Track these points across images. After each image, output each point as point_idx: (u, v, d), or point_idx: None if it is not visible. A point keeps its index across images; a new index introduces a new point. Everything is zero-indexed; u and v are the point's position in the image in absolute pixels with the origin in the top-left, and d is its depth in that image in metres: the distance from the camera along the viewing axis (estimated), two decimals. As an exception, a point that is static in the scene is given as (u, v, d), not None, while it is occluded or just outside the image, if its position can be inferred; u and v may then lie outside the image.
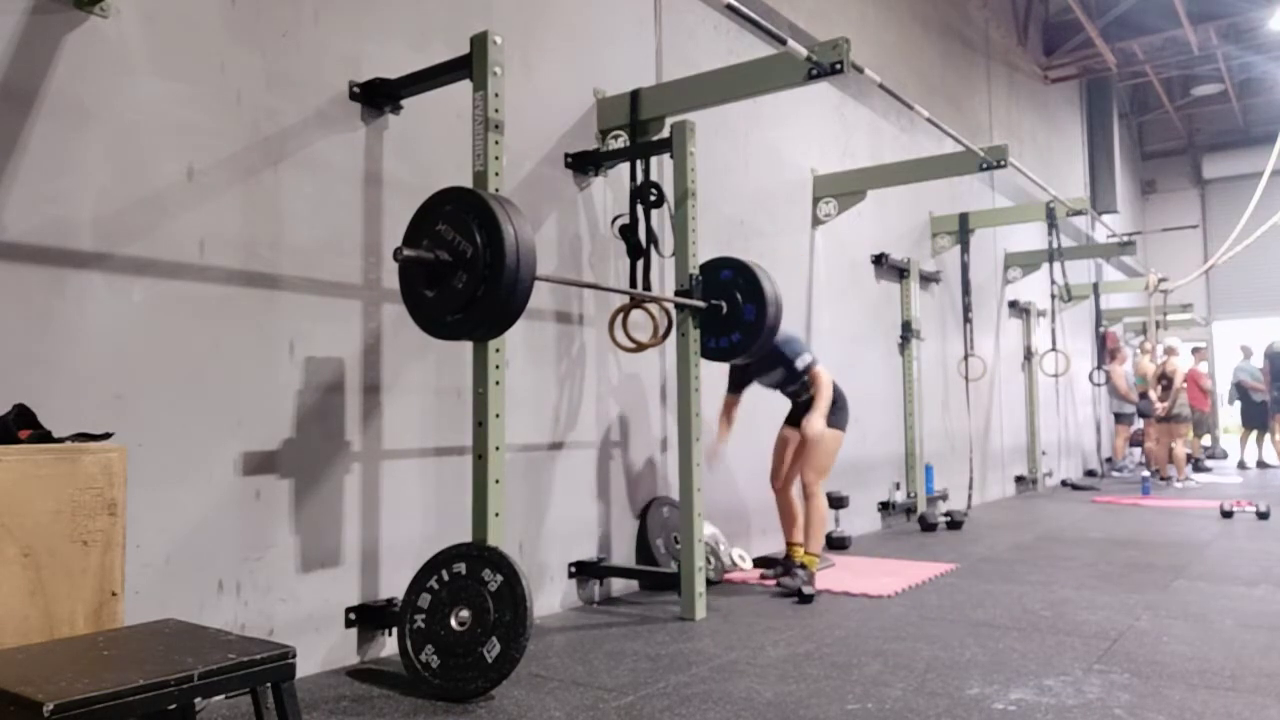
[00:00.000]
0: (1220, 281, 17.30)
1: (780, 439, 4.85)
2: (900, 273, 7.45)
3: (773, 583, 4.58)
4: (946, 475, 8.00)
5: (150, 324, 2.78)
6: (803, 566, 4.56)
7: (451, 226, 2.91)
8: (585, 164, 4.37)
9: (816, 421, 4.45)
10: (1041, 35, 12.48)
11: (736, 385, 4.73)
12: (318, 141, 3.27)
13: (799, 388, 4.68)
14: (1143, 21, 12.34)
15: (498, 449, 3.12)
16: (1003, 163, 5.83)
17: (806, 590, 4.30)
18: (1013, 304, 10.03)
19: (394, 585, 3.38)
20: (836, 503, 5.67)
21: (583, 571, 4.27)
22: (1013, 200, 10.03)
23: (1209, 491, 9.67)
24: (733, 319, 4.22)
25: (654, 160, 4.28)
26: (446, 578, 2.96)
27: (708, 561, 4.43)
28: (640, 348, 4.23)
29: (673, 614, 4.00)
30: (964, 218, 8.18)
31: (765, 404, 4.99)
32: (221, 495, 2.93)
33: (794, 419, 4.77)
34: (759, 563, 5.21)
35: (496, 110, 3.15)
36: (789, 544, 4.81)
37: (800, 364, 4.58)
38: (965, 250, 8.15)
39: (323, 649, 3.19)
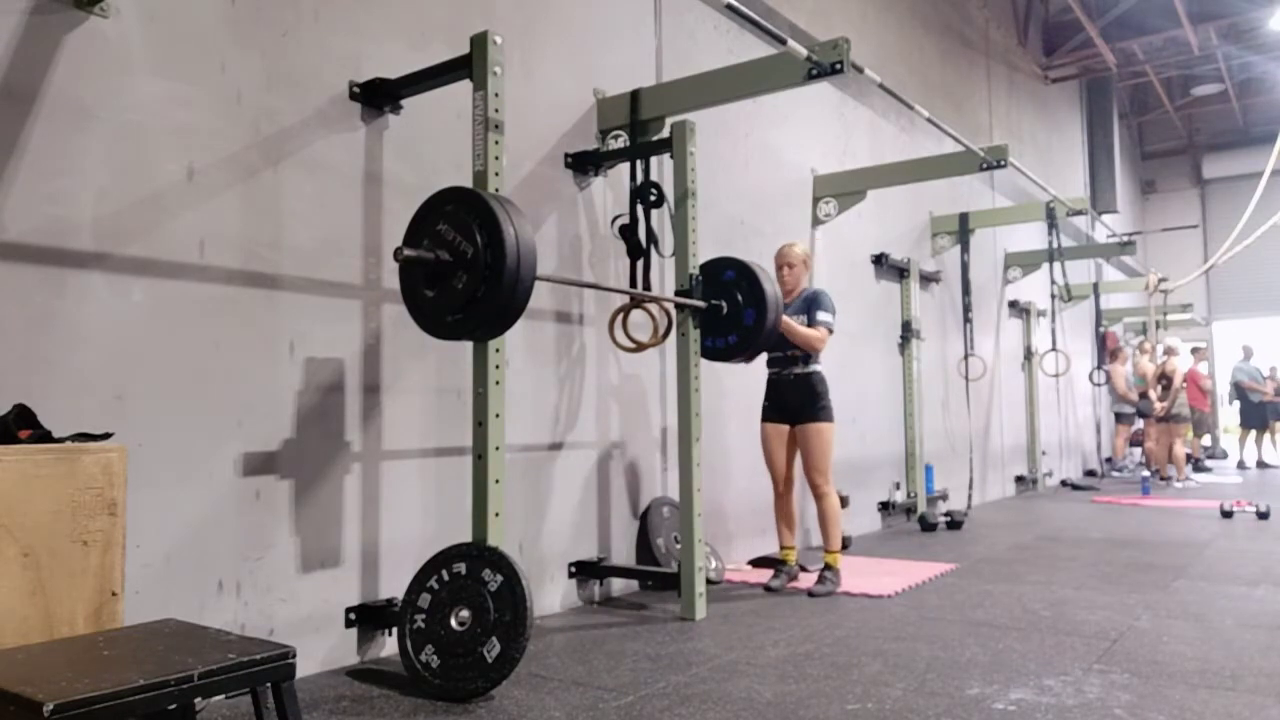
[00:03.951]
0: (1220, 281, 17.31)
1: (767, 437, 4.68)
2: (900, 273, 7.45)
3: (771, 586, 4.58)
4: (946, 475, 8.00)
5: (150, 324, 2.78)
6: (829, 567, 4.55)
7: (452, 226, 2.91)
8: (585, 164, 4.37)
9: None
10: (1041, 35, 12.48)
11: None
12: (318, 141, 3.27)
13: (800, 358, 4.58)
14: (1143, 21, 12.35)
15: (498, 449, 3.12)
16: (1003, 163, 5.83)
17: (819, 590, 4.36)
18: (1013, 304, 10.03)
19: (394, 585, 3.38)
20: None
21: (583, 571, 4.27)
22: (1013, 200, 10.03)
23: (1209, 491, 9.67)
24: (732, 320, 4.21)
25: (654, 160, 4.28)
26: (446, 578, 2.96)
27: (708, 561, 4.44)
28: (640, 348, 4.22)
29: (673, 614, 4.00)
30: (964, 218, 8.18)
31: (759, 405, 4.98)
32: (221, 495, 2.93)
33: (778, 411, 4.65)
34: (756, 563, 5.21)
35: (496, 110, 3.15)
36: (783, 547, 4.73)
37: (823, 316, 4.55)
38: (965, 250, 8.16)
39: (323, 649, 3.19)
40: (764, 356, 4.60)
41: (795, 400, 4.60)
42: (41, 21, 2.58)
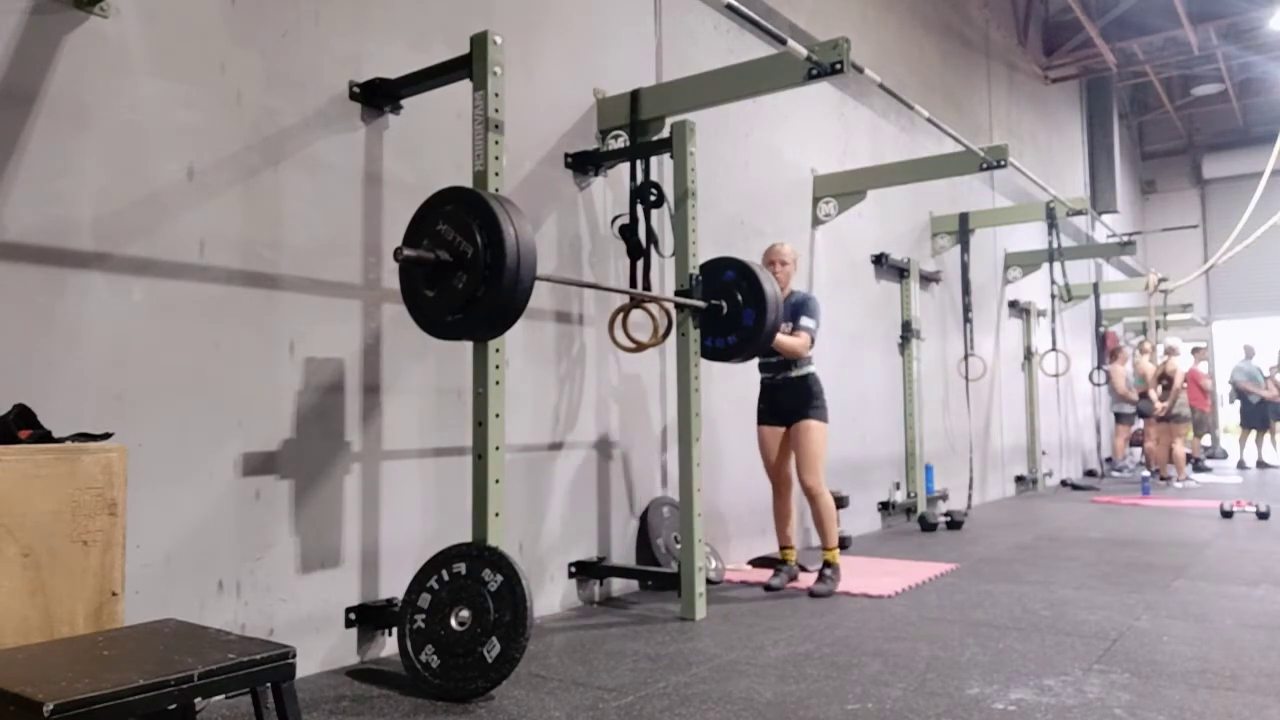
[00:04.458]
0: (1220, 281, 17.30)
1: (763, 440, 4.70)
2: (900, 273, 7.45)
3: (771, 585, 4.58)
4: (946, 475, 8.00)
5: (150, 324, 2.78)
6: (828, 565, 4.54)
7: (452, 226, 2.91)
8: (585, 164, 4.37)
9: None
10: (1041, 35, 12.48)
11: None
12: (318, 141, 3.27)
13: (791, 362, 4.57)
14: (1143, 21, 12.35)
15: (498, 449, 3.12)
16: (1003, 163, 5.83)
17: (820, 588, 4.37)
18: (1013, 304, 10.03)
19: (394, 585, 3.38)
20: (836, 503, 5.65)
21: (583, 571, 4.27)
22: (1013, 200, 10.03)
23: (1209, 491, 9.67)
24: (732, 321, 4.20)
25: (654, 160, 4.28)
26: (446, 578, 2.96)
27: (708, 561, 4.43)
28: (640, 348, 4.22)
29: (673, 614, 4.00)
30: (964, 218, 8.18)
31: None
32: (221, 495, 2.93)
33: (773, 414, 4.65)
34: (756, 563, 5.21)
35: (496, 110, 3.15)
36: (782, 547, 4.74)
37: (808, 323, 4.53)
38: (965, 250, 8.16)
39: (323, 649, 3.19)
40: (756, 360, 4.60)
41: (789, 402, 4.59)
42: (41, 21, 2.58)
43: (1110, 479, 11.86)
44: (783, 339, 4.48)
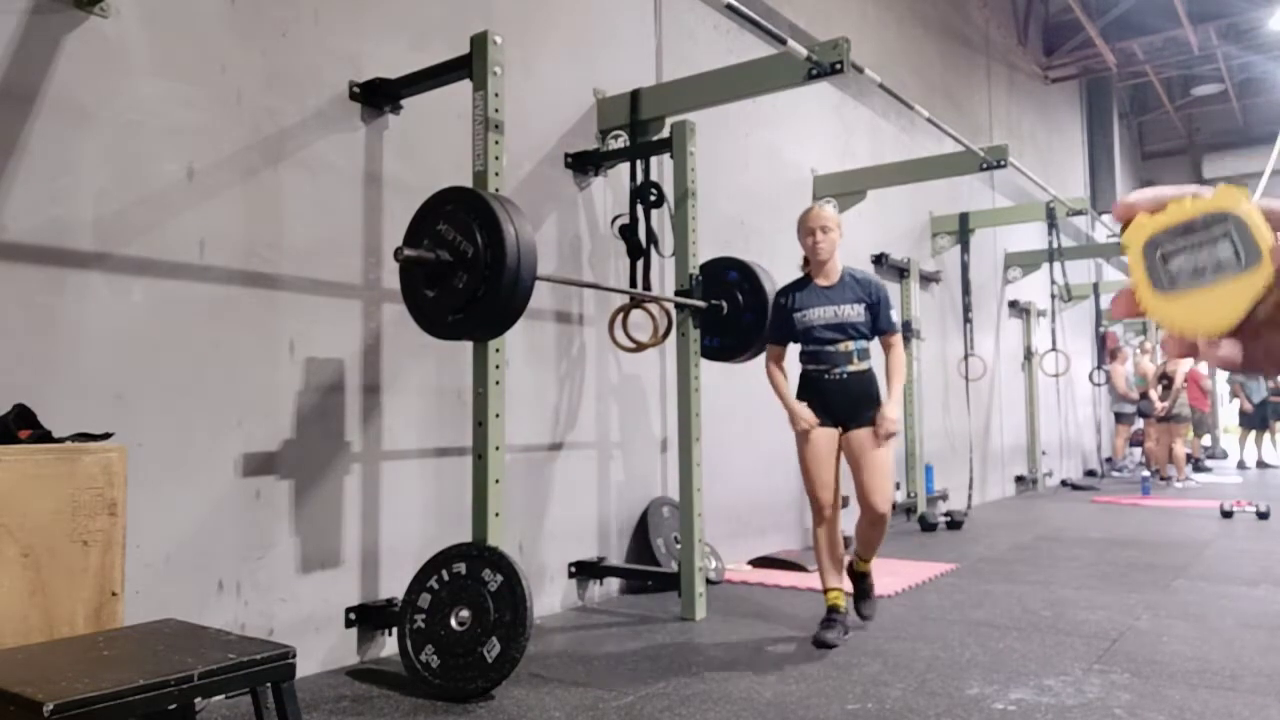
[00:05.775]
0: (1220, 281, 17.27)
1: (814, 445, 3.61)
2: (900, 273, 7.45)
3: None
4: (946, 475, 8.00)
5: (150, 324, 2.78)
6: (864, 575, 3.83)
7: (452, 226, 2.91)
8: (585, 164, 4.37)
9: (894, 409, 3.60)
10: (1041, 35, 12.48)
11: (783, 336, 3.76)
12: (318, 141, 3.27)
13: (855, 353, 3.70)
14: (1143, 21, 12.35)
15: (498, 449, 3.12)
16: (1003, 163, 5.83)
17: (868, 609, 3.84)
18: (1013, 304, 10.03)
19: (394, 585, 3.38)
20: (836, 503, 5.66)
21: (583, 571, 4.27)
22: (1013, 200, 10.03)
23: (1209, 491, 9.66)
24: (731, 321, 4.21)
25: (654, 160, 4.28)
26: (446, 578, 2.96)
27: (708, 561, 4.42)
28: (640, 348, 4.22)
29: (673, 614, 4.00)
30: (964, 218, 8.18)
31: (764, 399, 4.96)
32: (221, 495, 2.93)
33: (824, 412, 3.64)
34: (756, 563, 5.21)
35: (496, 110, 3.15)
36: (829, 589, 3.68)
37: (895, 318, 3.74)
38: (965, 250, 8.16)
39: (323, 649, 3.19)
40: (794, 349, 3.77)
41: (847, 402, 3.66)
42: (41, 21, 2.58)
43: (1110, 479, 11.86)
44: (899, 362, 3.74)
